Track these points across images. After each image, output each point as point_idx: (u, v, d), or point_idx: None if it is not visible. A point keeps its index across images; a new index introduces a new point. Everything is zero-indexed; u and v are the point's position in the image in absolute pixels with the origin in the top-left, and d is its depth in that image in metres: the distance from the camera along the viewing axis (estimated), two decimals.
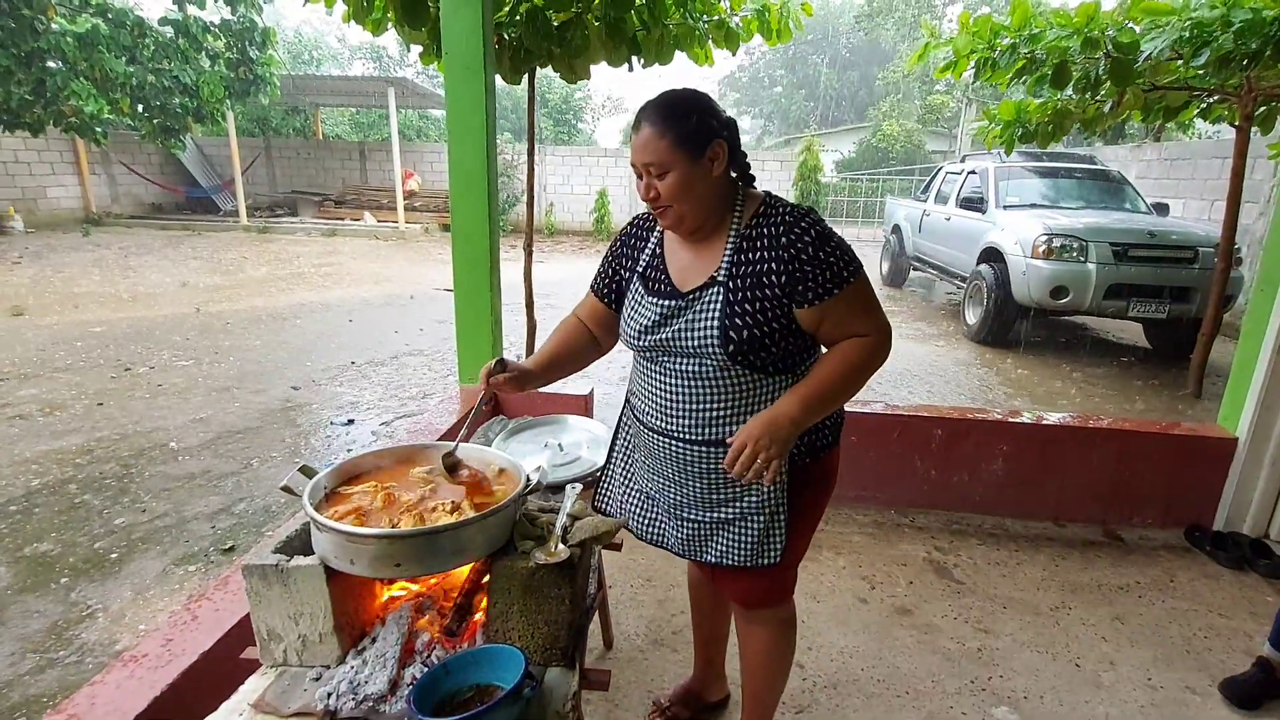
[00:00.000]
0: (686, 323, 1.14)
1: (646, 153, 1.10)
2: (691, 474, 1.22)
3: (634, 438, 1.34)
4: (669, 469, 1.25)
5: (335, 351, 4.99)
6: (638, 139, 1.11)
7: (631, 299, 1.24)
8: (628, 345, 1.25)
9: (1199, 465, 2.58)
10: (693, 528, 1.28)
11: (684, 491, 1.25)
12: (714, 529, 1.26)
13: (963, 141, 14.18)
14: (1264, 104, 3.76)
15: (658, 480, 1.29)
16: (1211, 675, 1.85)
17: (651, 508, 1.36)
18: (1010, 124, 4.20)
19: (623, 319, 1.26)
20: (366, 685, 0.96)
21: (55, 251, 8.98)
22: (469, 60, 2.25)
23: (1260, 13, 2.80)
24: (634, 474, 1.38)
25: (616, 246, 1.32)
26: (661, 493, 1.30)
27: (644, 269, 1.24)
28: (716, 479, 1.20)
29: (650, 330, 1.18)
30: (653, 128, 1.10)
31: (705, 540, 1.27)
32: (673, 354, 1.17)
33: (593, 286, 1.36)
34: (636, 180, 1.16)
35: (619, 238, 1.32)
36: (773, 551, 1.23)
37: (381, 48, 23.19)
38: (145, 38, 8.41)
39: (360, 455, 1.17)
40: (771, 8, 3.04)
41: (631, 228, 1.31)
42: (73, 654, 1.89)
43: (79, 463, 3.05)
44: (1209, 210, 7.12)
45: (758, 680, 1.43)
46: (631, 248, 1.29)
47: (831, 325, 1.12)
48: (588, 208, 13.33)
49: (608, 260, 1.33)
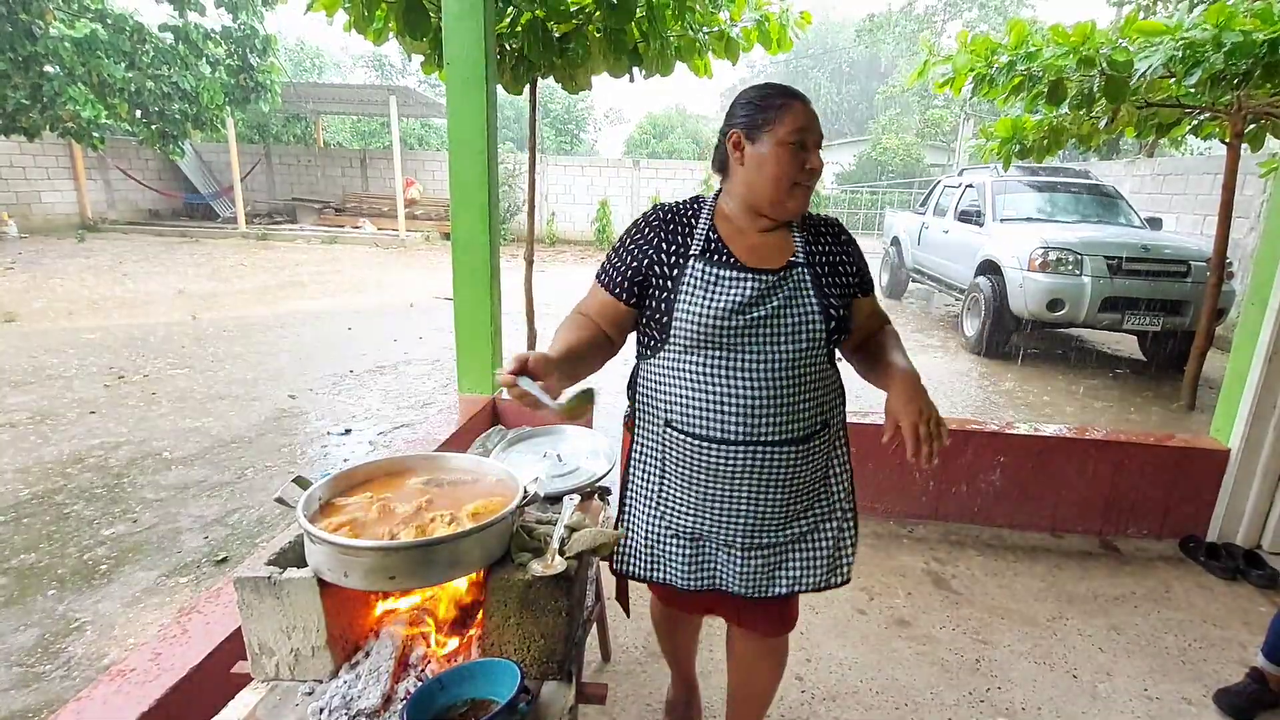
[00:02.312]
0: (785, 298, 1.09)
1: (818, 126, 1.13)
2: (774, 484, 1.12)
3: (671, 466, 1.18)
4: (744, 487, 1.12)
5: (333, 360, 4.97)
6: (805, 113, 1.11)
7: (699, 280, 1.10)
8: (699, 335, 1.08)
9: (1193, 477, 2.59)
10: (764, 556, 1.16)
11: (760, 510, 1.13)
12: (788, 550, 1.17)
13: (961, 156, 14.32)
14: (1254, 122, 3.82)
15: (716, 509, 1.15)
16: (1206, 685, 1.85)
17: (699, 549, 1.20)
18: (1007, 140, 4.25)
19: (688, 305, 1.09)
20: (359, 700, 0.95)
21: (49, 257, 8.94)
22: (470, 70, 2.26)
23: (1250, 34, 2.85)
24: (666, 516, 1.21)
25: (647, 234, 1.16)
26: (721, 525, 1.15)
27: (702, 251, 1.13)
28: (799, 484, 1.14)
29: (745, 308, 1.07)
30: (811, 108, 1.13)
31: (777, 568, 1.17)
32: (765, 340, 1.07)
33: (604, 282, 1.18)
34: (792, 152, 1.09)
35: (649, 226, 1.17)
36: (846, 566, 1.20)
37: (384, 56, 23.34)
38: (144, 43, 8.43)
39: (356, 466, 1.16)
40: (771, 17, 3.07)
41: (667, 213, 1.18)
42: (59, 668, 1.86)
43: (69, 472, 3.02)
44: (1201, 225, 7.19)
45: (763, 703, 1.42)
46: (672, 234, 1.16)
47: (870, 312, 1.25)
48: (589, 218, 13.38)
49: (631, 252, 1.16)
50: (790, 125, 1.09)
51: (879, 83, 26.58)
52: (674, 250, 1.14)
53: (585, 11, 2.86)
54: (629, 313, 1.18)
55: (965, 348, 6.02)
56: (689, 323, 1.08)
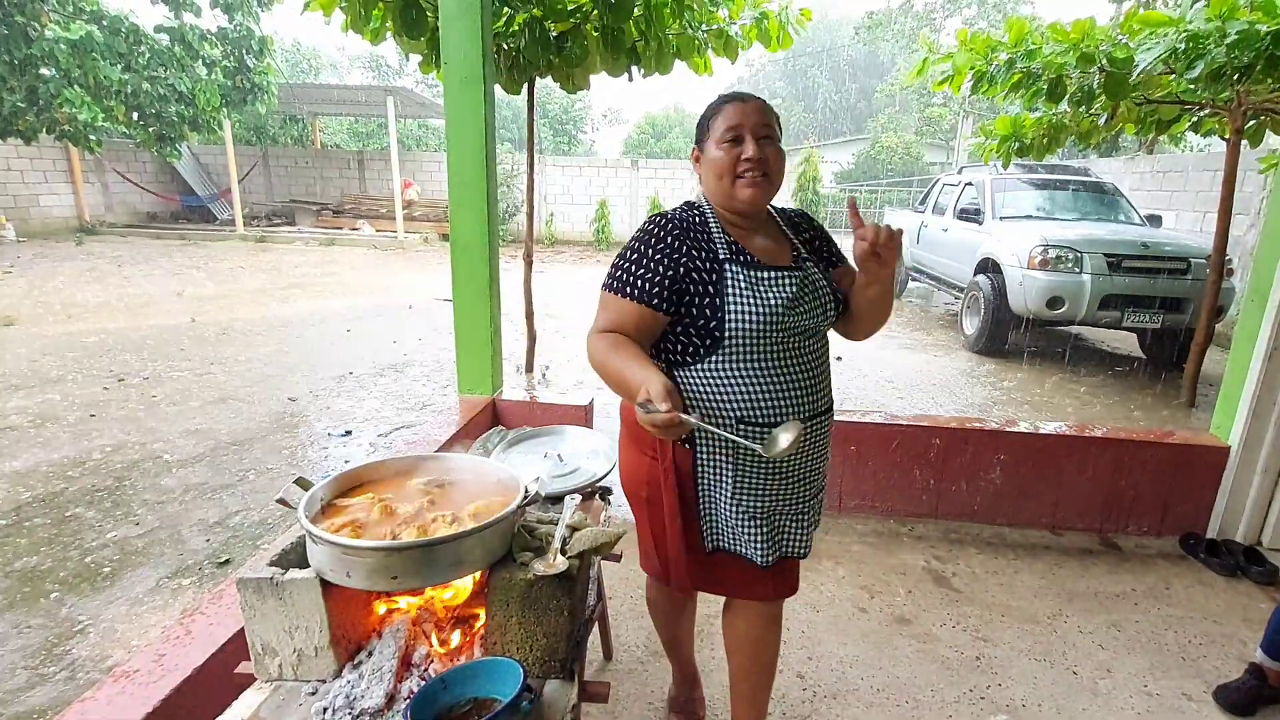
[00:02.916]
0: (815, 292, 1.22)
1: (762, 114, 1.19)
2: (821, 449, 1.29)
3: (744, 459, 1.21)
4: (808, 459, 1.27)
5: (333, 362, 4.97)
6: (747, 105, 1.19)
7: (745, 283, 1.15)
8: (762, 332, 1.14)
9: (1193, 474, 2.59)
10: (809, 518, 1.31)
11: (815, 475, 1.30)
12: (817, 508, 1.35)
13: (960, 154, 14.32)
14: (1254, 118, 3.82)
15: (788, 486, 1.26)
16: (1206, 682, 1.85)
17: (774, 525, 1.26)
18: (1007, 138, 4.26)
19: (744, 307, 1.13)
20: (363, 699, 0.95)
21: (47, 261, 8.94)
22: (468, 70, 2.26)
23: (1253, 26, 2.84)
24: (743, 503, 1.23)
25: (670, 244, 1.17)
26: (792, 499, 1.28)
27: (732, 254, 1.18)
28: (828, 446, 1.32)
29: (794, 305, 1.17)
30: (761, 101, 1.21)
31: (812, 525, 1.33)
32: (810, 324, 1.21)
33: (636, 296, 1.16)
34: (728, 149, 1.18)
35: (669, 237, 1.18)
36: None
37: (381, 57, 23.34)
38: (140, 45, 8.42)
39: (357, 467, 1.17)
40: (770, 15, 3.07)
41: (682, 222, 1.20)
42: (63, 670, 1.86)
43: (71, 475, 3.02)
44: (1201, 222, 7.19)
45: (767, 685, 1.44)
46: (696, 242, 1.18)
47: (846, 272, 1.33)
48: (588, 218, 13.38)
49: (661, 262, 1.16)
50: (723, 124, 1.19)
51: (878, 81, 26.58)
52: (704, 256, 1.19)
53: (583, 11, 2.86)
54: (663, 322, 1.19)
55: (965, 346, 6.02)
56: (748, 323, 1.15)
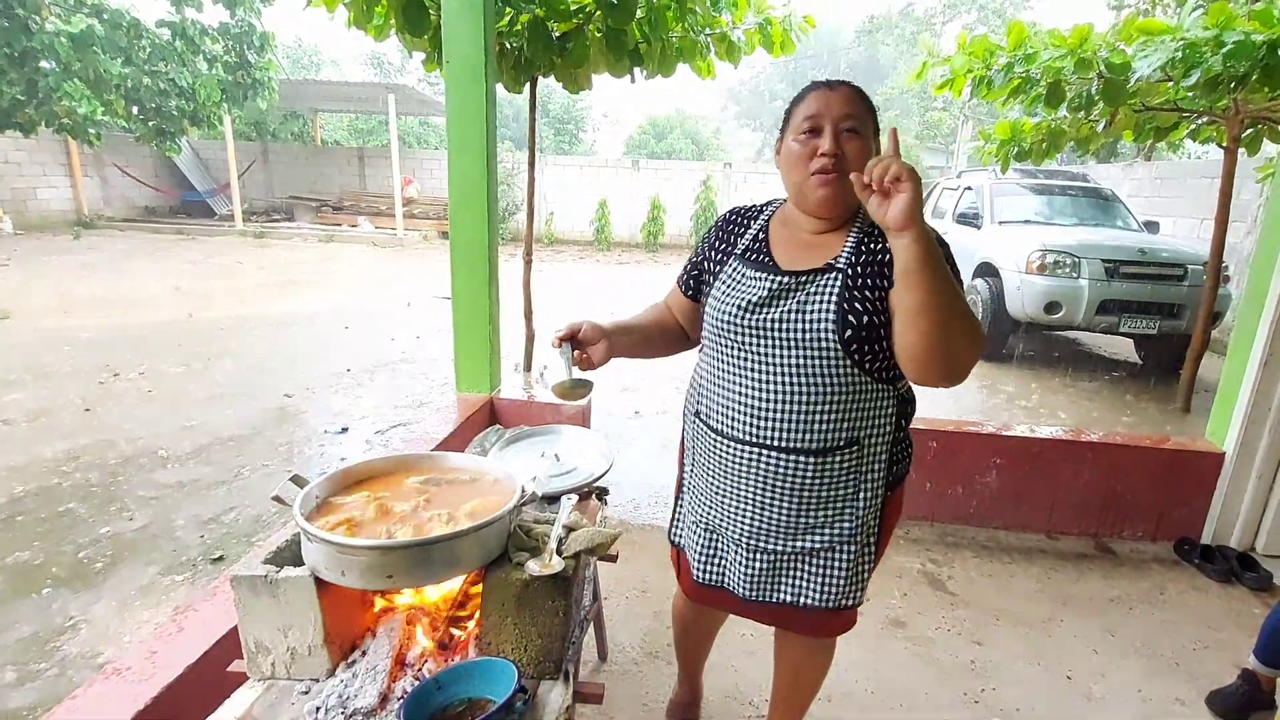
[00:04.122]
0: (799, 304, 1.04)
1: (847, 104, 1.04)
2: (781, 491, 1.10)
3: (698, 456, 1.21)
4: (750, 488, 1.11)
5: (330, 359, 4.96)
6: (833, 93, 1.05)
7: (729, 278, 1.14)
8: (717, 330, 1.12)
9: (1188, 479, 2.60)
10: (767, 561, 1.15)
11: (766, 515, 1.12)
12: (794, 562, 1.14)
13: (959, 158, 14.35)
14: (1251, 126, 3.83)
15: (726, 505, 1.16)
16: (1200, 687, 1.86)
17: (712, 541, 1.22)
18: (1006, 143, 4.26)
19: (713, 300, 1.14)
20: (356, 699, 0.95)
21: (44, 254, 8.90)
22: (470, 68, 2.26)
23: (1249, 36, 2.86)
24: (691, 504, 1.26)
25: (710, 234, 1.24)
26: (730, 522, 1.16)
27: (744, 250, 1.16)
28: (812, 498, 1.09)
29: (755, 309, 1.06)
30: (853, 90, 1.06)
31: (779, 576, 1.15)
32: (777, 343, 1.05)
33: (678, 279, 1.29)
34: (804, 140, 1.05)
35: (715, 226, 1.24)
36: (859, 588, 1.15)
37: (382, 54, 23.30)
38: (141, 39, 8.39)
39: (353, 464, 1.16)
40: (774, 21, 3.07)
41: (734, 215, 1.24)
42: (54, 666, 1.85)
43: (65, 470, 3.01)
44: (1198, 228, 7.22)
45: (804, 700, 1.43)
46: (730, 234, 1.21)
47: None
48: (588, 217, 13.38)
49: (698, 249, 1.26)
50: (801, 114, 1.07)
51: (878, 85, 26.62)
52: (723, 248, 1.20)
53: (585, 11, 2.86)
54: (693, 306, 1.26)
55: None
56: (710, 317, 1.14)
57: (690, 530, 1.27)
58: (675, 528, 1.34)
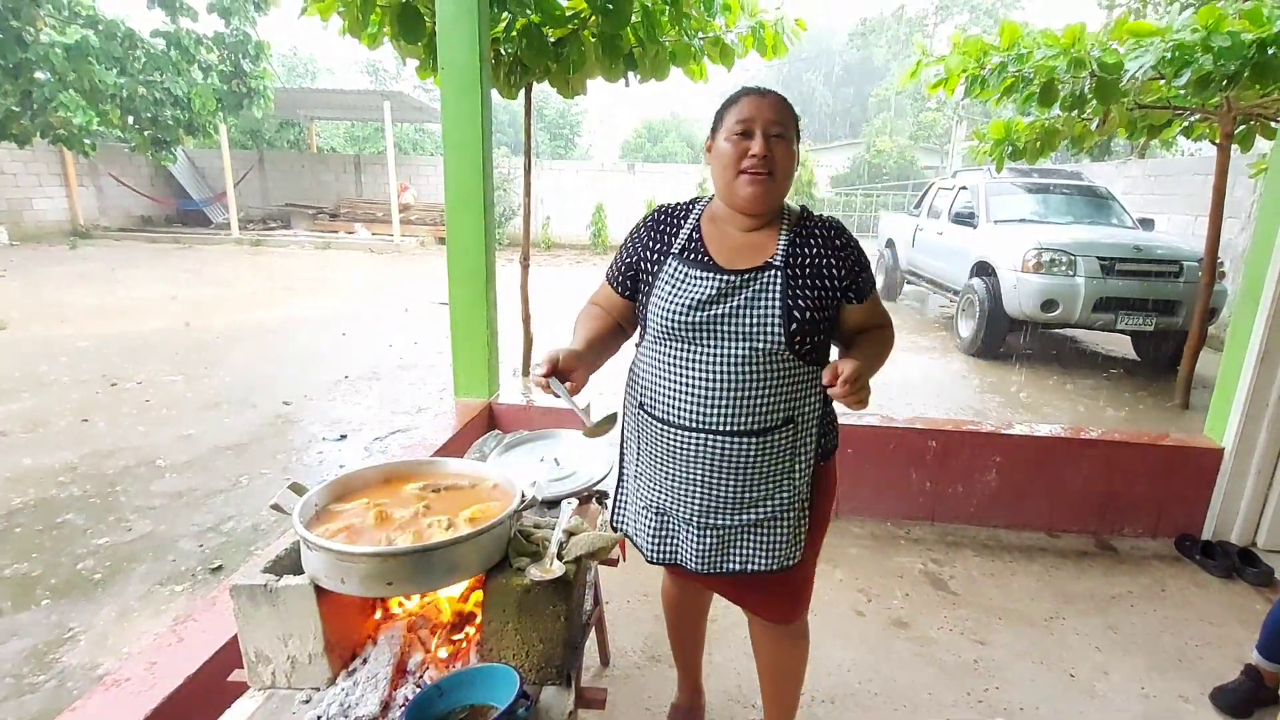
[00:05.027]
0: (745, 300, 1.13)
1: (776, 111, 1.14)
2: (728, 471, 1.17)
3: (644, 445, 1.27)
4: (699, 470, 1.19)
5: (328, 366, 4.95)
6: (763, 100, 1.15)
7: (672, 277, 1.18)
8: (664, 328, 1.17)
9: (1187, 476, 2.60)
10: (716, 536, 1.23)
11: (715, 494, 1.20)
12: (741, 533, 1.22)
13: (954, 158, 14.41)
14: (1243, 123, 3.85)
15: (676, 488, 1.22)
16: (1203, 683, 1.85)
17: (663, 524, 1.29)
18: (1000, 142, 4.28)
19: (658, 299, 1.18)
20: (357, 707, 0.94)
21: (41, 264, 8.89)
22: (465, 74, 2.27)
23: (1239, 35, 2.88)
24: (639, 490, 1.31)
25: (641, 233, 1.28)
26: (680, 503, 1.23)
27: (681, 250, 1.20)
28: (756, 475, 1.18)
29: (702, 306, 1.13)
30: (778, 97, 1.17)
31: (729, 548, 1.23)
32: (722, 336, 1.13)
33: (608, 276, 1.32)
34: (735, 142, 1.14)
35: (645, 225, 1.28)
36: (797, 549, 1.23)
37: (377, 62, 23.36)
38: (136, 49, 8.39)
39: (352, 472, 1.16)
40: (766, 24, 3.09)
41: (662, 214, 1.28)
42: (53, 678, 1.84)
43: (62, 480, 3.00)
44: (1192, 225, 7.25)
45: (788, 691, 1.46)
46: (661, 233, 1.25)
47: (865, 317, 1.25)
48: (585, 221, 13.39)
49: (628, 247, 1.29)
50: (735, 116, 1.16)
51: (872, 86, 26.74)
52: (658, 248, 1.24)
53: (580, 17, 2.87)
54: (628, 304, 1.30)
55: (960, 349, 6.04)
56: (657, 316, 1.18)
57: (638, 515, 1.32)
58: (618, 516, 1.38)
